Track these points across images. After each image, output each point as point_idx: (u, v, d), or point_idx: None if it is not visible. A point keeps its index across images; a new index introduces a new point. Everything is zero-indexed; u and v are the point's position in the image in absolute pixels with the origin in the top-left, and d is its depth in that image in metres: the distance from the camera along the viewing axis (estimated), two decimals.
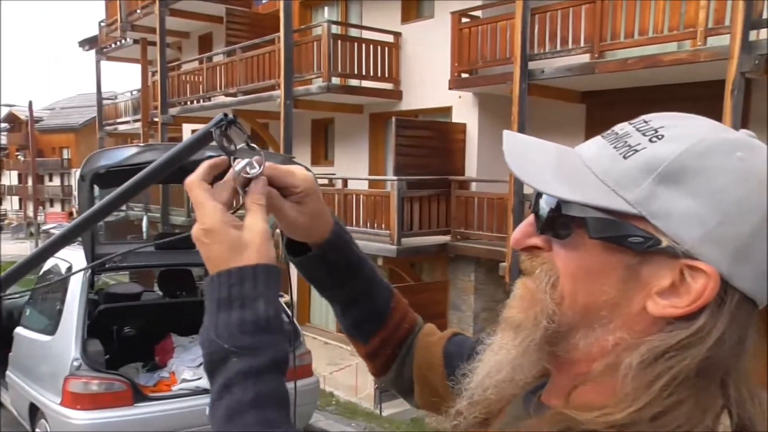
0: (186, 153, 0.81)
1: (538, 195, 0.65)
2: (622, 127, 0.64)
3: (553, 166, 0.63)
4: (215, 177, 0.75)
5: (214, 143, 0.77)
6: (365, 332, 0.95)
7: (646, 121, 0.62)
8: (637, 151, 0.59)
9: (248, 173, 0.73)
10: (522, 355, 0.65)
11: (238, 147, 0.76)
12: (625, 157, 0.59)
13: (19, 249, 25.09)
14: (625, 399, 0.55)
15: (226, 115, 0.75)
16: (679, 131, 0.59)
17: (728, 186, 0.55)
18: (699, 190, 0.56)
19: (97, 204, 0.83)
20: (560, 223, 0.61)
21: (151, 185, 0.90)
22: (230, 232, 0.70)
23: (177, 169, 0.80)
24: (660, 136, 0.59)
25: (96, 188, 4.55)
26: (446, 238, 9.76)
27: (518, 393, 0.70)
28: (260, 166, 0.74)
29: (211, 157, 0.76)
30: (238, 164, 0.73)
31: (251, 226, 0.71)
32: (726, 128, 0.61)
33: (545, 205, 0.63)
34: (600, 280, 0.60)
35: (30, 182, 32.01)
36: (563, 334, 0.63)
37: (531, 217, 0.67)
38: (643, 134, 0.60)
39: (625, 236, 0.58)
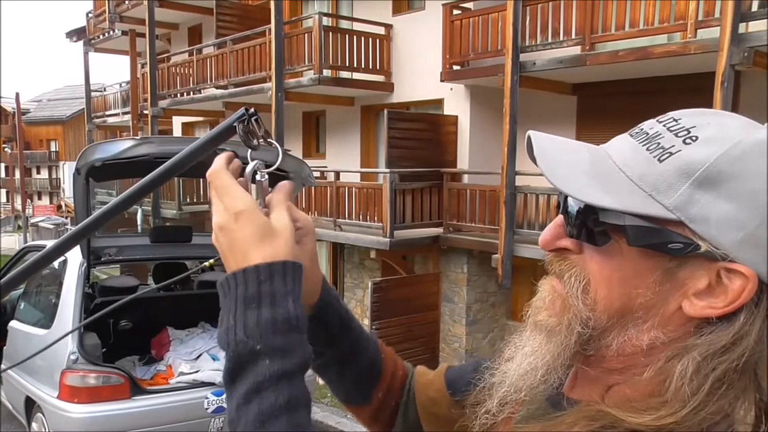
0: (207, 147, 0.82)
1: (566, 197, 0.63)
2: (651, 126, 0.63)
3: (587, 170, 0.61)
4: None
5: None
6: (366, 389, 0.91)
7: (675, 120, 0.61)
8: (672, 153, 0.58)
9: (256, 176, 0.73)
10: (556, 359, 0.65)
11: (257, 142, 0.75)
12: (660, 161, 0.58)
13: (7, 242, 24.88)
14: (676, 402, 0.56)
15: (247, 109, 0.75)
16: (713, 132, 0.58)
17: (764, 189, 0.56)
18: (737, 193, 0.56)
19: (115, 199, 0.83)
20: (596, 229, 0.60)
21: (171, 179, 0.90)
22: (261, 216, 0.68)
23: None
24: (694, 138, 0.58)
25: (91, 181, 4.54)
26: (439, 230, 9.80)
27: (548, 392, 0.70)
28: (265, 171, 0.74)
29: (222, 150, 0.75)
30: (250, 166, 0.73)
31: (279, 218, 0.69)
32: (755, 125, 0.60)
33: (577, 209, 0.62)
34: (636, 284, 0.60)
35: (17, 175, 31.72)
36: (596, 337, 0.63)
37: (560, 218, 0.66)
38: (676, 135, 0.59)
39: (665, 243, 0.57)
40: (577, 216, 0.62)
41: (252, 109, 0.76)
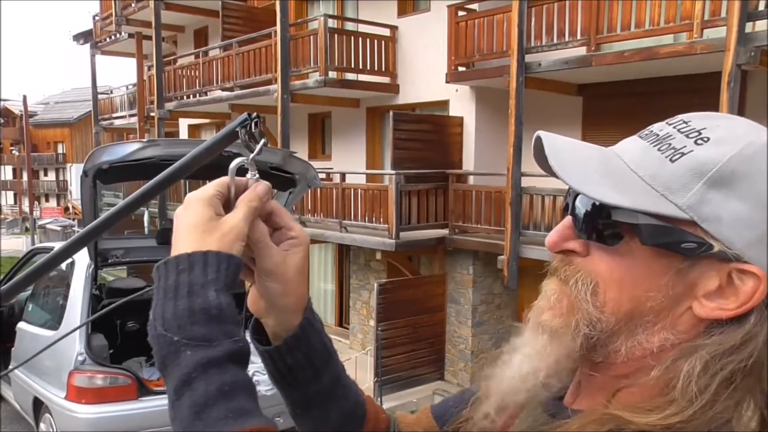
0: (211, 151, 0.83)
1: (575, 197, 0.63)
2: (660, 128, 0.63)
3: (599, 170, 0.60)
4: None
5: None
6: (355, 427, 0.84)
7: (685, 122, 0.61)
8: (683, 154, 0.58)
9: (244, 172, 0.73)
10: (559, 362, 0.63)
11: (260, 146, 0.75)
12: (672, 160, 0.58)
13: (15, 244, 25.03)
14: (683, 401, 0.56)
15: (249, 114, 0.76)
16: (724, 133, 0.58)
17: None
18: (750, 193, 0.56)
19: (121, 203, 0.84)
20: (608, 228, 0.60)
21: (176, 182, 0.91)
22: (207, 209, 0.66)
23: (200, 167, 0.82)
24: (705, 139, 0.58)
25: (98, 184, 4.56)
26: (444, 231, 9.80)
27: (545, 398, 0.67)
28: (255, 171, 0.73)
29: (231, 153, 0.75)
30: (234, 163, 0.72)
31: (230, 215, 0.67)
32: (761, 127, 0.60)
33: (587, 209, 0.61)
34: (647, 286, 0.59)
35: (25, 177, 31.91)
36: (604, 341, 0.62)
37: (568, 220, 0.64)
38: (687, 136, 0.59)
39: (678, 242, 0.57)
40: (587, 216, 0.61)
41: (254, 114, 0.76)
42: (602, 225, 0.60)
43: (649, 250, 0.58)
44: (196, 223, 0.65)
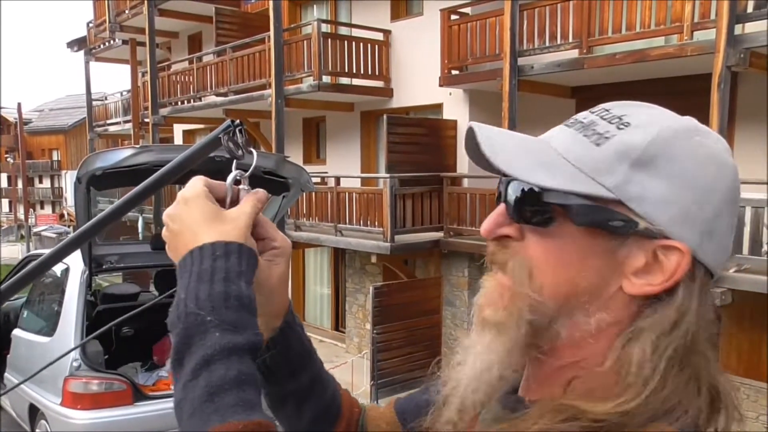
0: (195, 158, 0.85)
1: (507, 184, 0.65)
2: (584, 116, 0.66)
3: (531, 156, 0.63)
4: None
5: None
6: (328, 424, 0.87)
7: (607, 110, 0.65)
8: (608, 138, 0.61)
9: (238, 183, 0.75)
10: (510, 353, 0.64)
11: (243, 152, 0.77)
12: (597, 144, 0.61)
13: (11, 252, 24.95)
14: (636, 386, 0.57)
15: (233, 121, 0.78)
16: (643, 119, 0.62)
17: (695, 169, 0.59)
18: (670, 173, 0.59)
19: (109, 208, 0.86)
20: (541, 211, 0.61)
21: (161, 188, 0.92)
22: (209, 204, 0.68)
23: (186, 173, 0.84)
24: (626, 124, 0.61)
25: (92, 190, 4.56)
26: (439, 234, 9.82)
27: (502, 393, 0.68)
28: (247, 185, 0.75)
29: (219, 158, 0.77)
30: (231, 176, 0.74)
31: (236, 210, 0.69)
32: (676, 115, 0.64)
33: (518, 193, 0.63)
34: (580, 267, 0.61)
35: (20, 185, 31.85)
36: (546, 325, 0.63)
37: (501, 207, 0.66)
38: (609, 122, 0.62)
39: (607, 220, 0.59)
40: (520, 200, 0.63)
41: (237, 121, 0.78)
42: (535, 208, 0.62)
43: (580, 230, 0.61)
44: (211, 215, 0.67)
